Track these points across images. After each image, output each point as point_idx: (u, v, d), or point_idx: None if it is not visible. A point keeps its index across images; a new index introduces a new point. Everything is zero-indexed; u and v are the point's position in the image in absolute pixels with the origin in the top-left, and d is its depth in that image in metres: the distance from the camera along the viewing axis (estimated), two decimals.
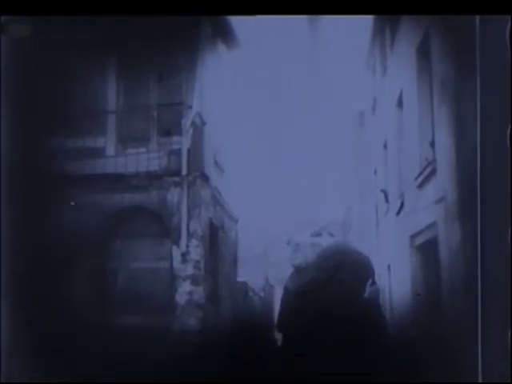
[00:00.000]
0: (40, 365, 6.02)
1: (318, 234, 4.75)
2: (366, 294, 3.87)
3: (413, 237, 8.48)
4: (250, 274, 10.91)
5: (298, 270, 4.49)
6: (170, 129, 9.03)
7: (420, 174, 8.01)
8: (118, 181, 8.71)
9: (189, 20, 8.50)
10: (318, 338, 4.03)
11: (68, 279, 7.85)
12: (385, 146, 10.84)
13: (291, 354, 4.15)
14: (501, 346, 4.49)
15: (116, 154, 9.01)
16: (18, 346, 5.71)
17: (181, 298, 8.51)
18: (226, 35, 9.97)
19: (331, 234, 4.79)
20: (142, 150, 9.01)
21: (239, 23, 9.74)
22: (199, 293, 8.58)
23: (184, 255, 8.60)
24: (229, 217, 10.29)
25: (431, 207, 7.48)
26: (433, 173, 7.52)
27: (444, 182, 7.01)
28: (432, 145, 7.72)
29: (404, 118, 9.21)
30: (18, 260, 5.75)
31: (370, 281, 3.91)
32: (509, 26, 4.62)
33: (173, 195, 8.74)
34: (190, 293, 8.52)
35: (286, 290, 4.49)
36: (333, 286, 3.92)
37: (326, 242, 4.61)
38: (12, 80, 5.57)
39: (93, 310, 8.06)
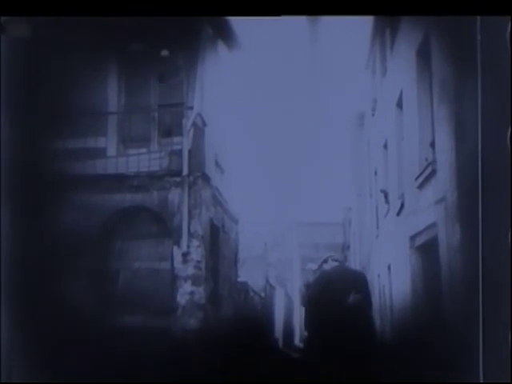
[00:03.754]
0: (40, 365, 6.03)
1: (325, 261, 6.49)
2: (350, 301, 5.03)
3: (413, 237, 8.47)
4: (250, 274, 10.92)
5: (306, 286, 6.33)
6: (170, 129, 9.03)
7: (420, 174, 8.00)
8: (119, 181, 8.71)
9: (189, 21, 8.50)
10: (319, 338, 4.64)
11: (69, 279, 7.85)
12: (385, 146, 10.82)
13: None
14: (501, 347, 4.49)
15: (117, 155, 9.01)
16: (17, 346, 5.72)
17: (182, 298, 8.51)
18: (226, 36, 9.96)
19: (335, 260, 6.52)
20: (143, 150, 9.02)
21: (240, 24, 9.73)
22: (200, 293, 8.57)
23: (185, 255, 8.59)
24: (229, 217, 10.29)
25: (431, 208, 7.47)
26: (433, 173, 7.51)
27: (444, 182, 7.01)
28: (432, 145, 7.72)
29: (404, 118, 9.20)
30: (19, 260, 5.76)
31: (354, 291, 5.14)
32: (509, 27, 4.63)
33: (174, 195, 8.74)
34: (191, 293, 8.52)
35: (303, 302, 6.08)
36: (325, 296, 5.19)
37: (328, 266, 6.37)
38: (12, 80, 5.58)
39: (93, 310, 8.06)
